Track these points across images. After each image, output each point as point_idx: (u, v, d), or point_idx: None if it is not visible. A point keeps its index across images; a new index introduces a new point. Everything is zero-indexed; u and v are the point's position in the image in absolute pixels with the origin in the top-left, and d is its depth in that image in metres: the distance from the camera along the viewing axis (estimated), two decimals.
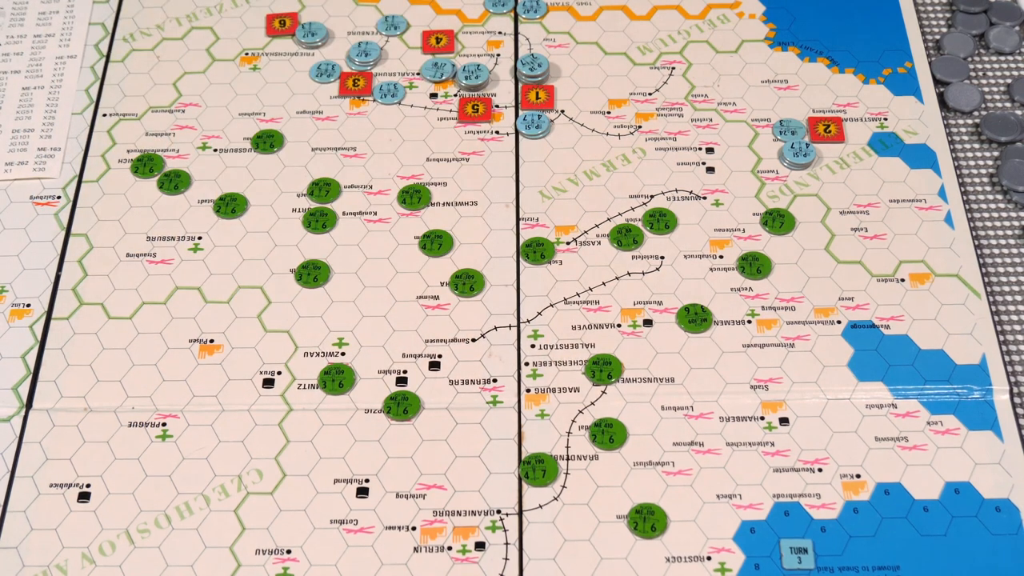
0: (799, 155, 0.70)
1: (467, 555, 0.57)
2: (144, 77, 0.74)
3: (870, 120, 0.72)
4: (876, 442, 0.60)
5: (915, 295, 0.65)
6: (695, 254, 0.67)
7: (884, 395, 0.62)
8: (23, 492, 0.59)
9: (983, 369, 0.62)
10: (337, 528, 0.58)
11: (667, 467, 0.60)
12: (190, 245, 0.67)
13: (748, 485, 0.59)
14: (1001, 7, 0.76)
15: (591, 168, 0.70)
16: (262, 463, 0.60)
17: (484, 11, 0.77)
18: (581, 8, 0.77)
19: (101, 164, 0.71)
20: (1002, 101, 0.73)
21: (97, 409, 0.62)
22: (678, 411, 0.61)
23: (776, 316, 0.64)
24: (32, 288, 0.66)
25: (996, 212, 0.68)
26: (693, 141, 0.71)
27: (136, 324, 0.65)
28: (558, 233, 0.67)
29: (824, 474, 0.59)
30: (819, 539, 0.58)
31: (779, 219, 0.68)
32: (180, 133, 0.72)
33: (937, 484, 0.59)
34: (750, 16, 0.76)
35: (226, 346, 0.64)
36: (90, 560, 0.57)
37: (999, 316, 0.65)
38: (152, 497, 0.59)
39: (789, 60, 0.74)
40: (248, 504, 0.59)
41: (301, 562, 0.57)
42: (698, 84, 0.73)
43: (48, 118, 0.73)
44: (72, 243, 0.67)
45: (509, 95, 0.73)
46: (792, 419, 0.61)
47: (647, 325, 0.64)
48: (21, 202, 0.69)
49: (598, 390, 0.62)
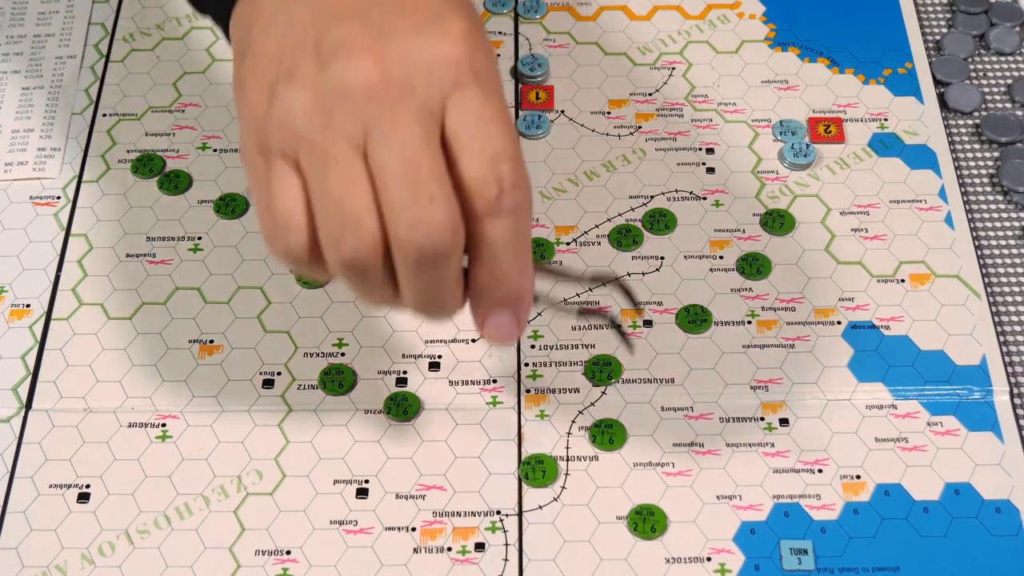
0: (799, 155, 0.69)
1: (467, 556, 0.57)
2: (144, 77, 0.74)
3: (870, 121, 0.71)
4: (876, 443, 0.60)
5: (915, 296, 0.65)
6: (695, 255, 0.67)
7: (884, 396, 0.62)
8: (22, 493, 0.59)
9: (983, 370, 0.62)
10: (337, 529, 0.58)
11: (667, 468, 0.60)
12: (190, 245, 0.67)
13: (748, 486, 0.59)
14: (1001, 7, 0.76)
15: (591, 168, 0.70)
16: (262, 464, 0.60)
17: (484, 11, 0.77)
18: (581, 8, 0.77)
19: (101, 164, 0.71)
20: (1002, 102, 0.73)
21: (97, 410, 0.62)
22: (678, 412, 0.61)
23: (776, 317, 0.64)
24: (32, 288, 0.66)
25: (996, 213, 0.68)
26: (693, 141, 0.71)
27: (136, 324, 0.65)
28: (558, 233, 0.67)
29: (824, 475, 0.59)
30: (819, 540, 0.58)
31: (779, 220, 0.68)
32: (180, 133, 0.72)
33: (937, 485, 0.59)
34: (750, 16, 0.76)
35: (226, 347, 0.64)
36: (90, 561, 0.57)
37: (999, 317, 0.65)
38: (152, 498, 0.59)
39: (789, 60, 0.74)
40: (248, 505, 0.59)
41: (301, 563, 0.57)
42: (698, 84, 0.73)
43: (48, 118, 0.73)
44: (72, 243, 0.67)
45: (509, 95, 0.73)
46: (792, 420, 0.61)
47: (647, 326, 0.64)
48: (21, 202, 0.69)
49: (598, 391, 0.62)
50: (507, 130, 0.48)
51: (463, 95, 0.47)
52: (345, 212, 0.46)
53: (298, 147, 0.47)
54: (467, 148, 0.47)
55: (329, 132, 0.47)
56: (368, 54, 0.47)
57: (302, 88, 0.47)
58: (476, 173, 0.47)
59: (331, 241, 0.47)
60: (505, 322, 0.51)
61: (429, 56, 0.47)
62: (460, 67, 0.47)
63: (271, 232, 0.48)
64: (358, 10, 0.48)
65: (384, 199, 0.47)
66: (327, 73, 0.47)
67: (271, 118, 0.48)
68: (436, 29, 0.47)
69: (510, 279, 0.49)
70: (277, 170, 0.48)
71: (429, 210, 0.46)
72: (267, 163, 0.48)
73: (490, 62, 0.49)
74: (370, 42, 0.47)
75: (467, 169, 0.47)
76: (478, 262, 0.49)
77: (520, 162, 0.48)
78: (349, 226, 0.47)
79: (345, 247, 0.47)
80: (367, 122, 0.46)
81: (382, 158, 0.46)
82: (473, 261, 0.49)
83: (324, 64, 0.47)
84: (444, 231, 0.46)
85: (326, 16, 0.48)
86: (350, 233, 0.47)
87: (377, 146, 0.46)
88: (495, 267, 0.49)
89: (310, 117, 0.47)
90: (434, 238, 0.46)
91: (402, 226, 0.46)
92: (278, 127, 0.47)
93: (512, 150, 0.48)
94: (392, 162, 0.46)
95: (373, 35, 0.47)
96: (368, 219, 0.47)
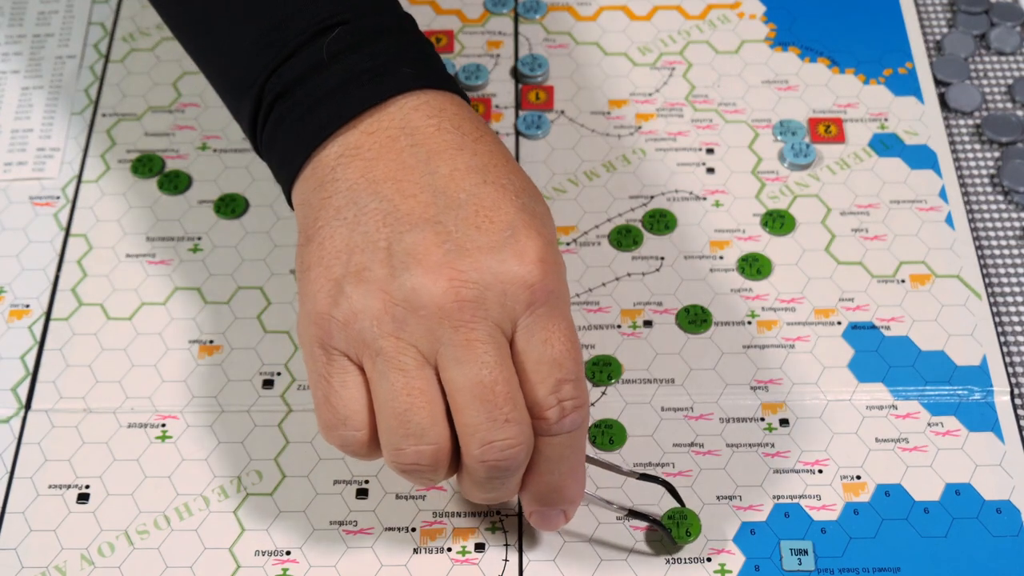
0: (799, 156, 0.69)
1: (467, 556, 0.57)
2: (144, 77, 0.74)
3: (871, 121, 0.71)
4: (876, 443, 0.60)
5: (916, 296, 0.65)
6: (695, 255, 0.67)
7: (884, 396, 0.62)
8: (22, 493, 0.59)
9: (984, 370, 0.62)
10: (337, 529, 0.58)
11: (667, 468, 0.60)
12: (190, 246, 0.67)
13: (748, 486, 0.59)
14: (1002, 7, 0.76)
15: (591, 169, 0.70)
16: (262, 464, 0.60)
17: (484, 11, 0.77)
18: (581, 8, 0.77)
19: (101, 164, 0.70)
20: (1003, 102, 0.73)
21: (96, 410, 0.62)
22: (678, 412, 0.61)
23: (776, 317, 0.64)
24: (31, 289, 0.66)
25: (997, 213, 0.68)
26: (693, 142, 0.71)
27: (135, 325, 0.64)
28: (558, 234, 0.67)
29: (824, 475, 0.59)
30: (819, 540, 0.58)
31: (779, 220, 0.67)
32: (180, 133, 0.72)
33: (938, 485, 0.59)
34: (750, 16, 0.76)
35: (226, 347, 0.64)
36: (89, 561, 0.57)
37: (1000, 317, 0.64)
38: (151, 498, 0.59)
39: (789, 60, 0.74)
40: (248, 505, 0.59)
41: (301, 563, 0.57)
42: (698, 84, 0.73)
43: (47, 118, 0.72)
44: (71, 243, 0.67)
45: (509, 95, 0.73)
46: (792, 420, 0.61)
47: (647, 326, 0.64)
48: (20, 202, 0.69)
49: (598, 391, 0.62)
50: (572, 351, 0.49)
51: (533, 317, 0.48)
52: (409, 422, 0.47)
53: (363, 350, 0.48)
54: (534, 372, 0.48)
55: (399, 342, 0.47)
56: (442, 271, 0.47)
57: (372, 293, 0.47)
58: (540, 397, 0.48)
59: (392, 446, 0.48)
60: (553, 517, 0.53)
61: (504, 279, 0.47)
62: (533, 290, 0.48)
63: (329, 424, 0.49)
64: (432, 217, 0.48)
65: (458, 418, 0.48)
66: (399, 281, 0.47)
67: (336, 316, 0.48)
68: (511, 249, 0.48)
69: (563, 490, 0.52)
70: (339, 366, 0.49)
71: (504, 430, 0.47)
72: (328, 357, 0.49)
73: (560, 280, 0.50)
74: (444, 257, 0.47)
75: (532, 392, 0.48)
76: (534, 471, 0.51)
77: (582, 382, 0.50)
78: (412, 436, 0.48)
79: (407, 455, 0.48)
80: (439, 338, 0.47)
81: (457, 377, 0.47)
82: (529, 468, 0.51)
83: (396, 272, 0.47)
84: (517, 451, 0.48)
85: (399, 219, 0.48)
86: (413, 442, 0.48)
87: (450, 364, 0.47)
88: (550, 478, 0.51)
89: (379, 323, 0.47)
90: (507, 457, 0.48)
91: (476, 445, 0.48)
92: (344, 327, 0.48)
93: (576, 371, 0.49)
94: (467, 382, 0.47)
95: (447, 249, 0.48)
96: (431, 432, 0.48)
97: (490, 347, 0.47)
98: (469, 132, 0.51)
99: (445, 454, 0.49)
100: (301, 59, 0.52)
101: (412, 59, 0.52)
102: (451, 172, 0.50)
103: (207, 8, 0.55)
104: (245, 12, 0.54)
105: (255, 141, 0.55)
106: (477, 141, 0.51)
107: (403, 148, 0.50)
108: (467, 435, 0.48)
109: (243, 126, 0.55)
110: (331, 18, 0.52)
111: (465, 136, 0.51)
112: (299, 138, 0.52)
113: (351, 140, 0.51)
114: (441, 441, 0.48)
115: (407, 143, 0.50)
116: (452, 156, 0.50)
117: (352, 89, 0.51)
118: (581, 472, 0.52)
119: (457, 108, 0.52)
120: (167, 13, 0.59)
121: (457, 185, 0.49)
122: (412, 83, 0.51)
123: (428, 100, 0.51)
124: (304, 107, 0.52)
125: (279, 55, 0.52)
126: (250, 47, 0.53)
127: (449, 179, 0.49)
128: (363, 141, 0.50)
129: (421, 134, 0.50)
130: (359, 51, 0.52)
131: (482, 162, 0.50)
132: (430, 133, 0.50)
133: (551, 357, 0.48)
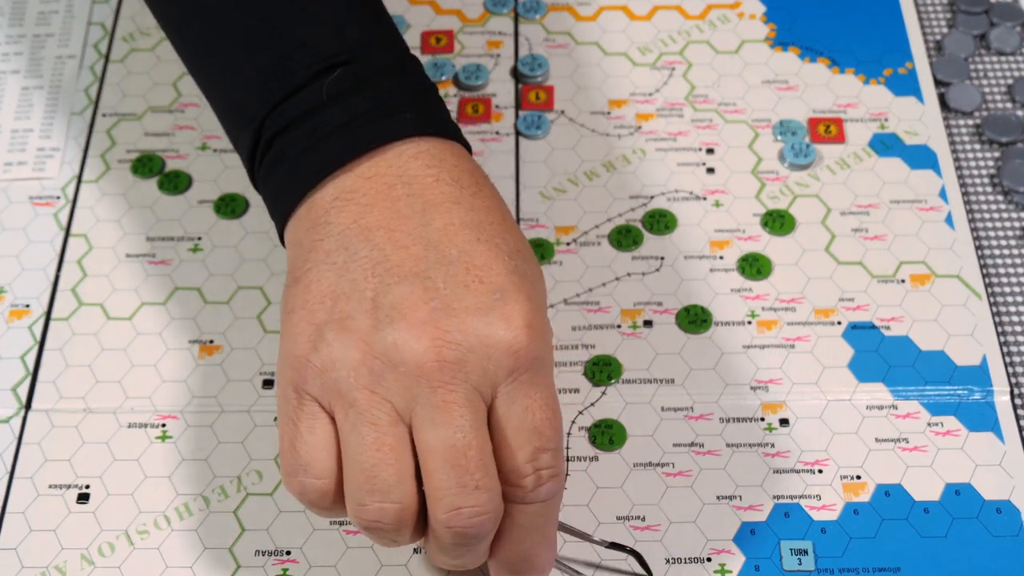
0: (799, 156, 0.69)
1: None
2: (144, 77, 0.74)
3: (871, 121, 0.71)
4: (876, 443, 0.60)
5: (915, 296, 0.65)
6: (695, 255, 0.67)
7: (884, 396, 0.62)
8: (22, 493, 0.59)
9: (984, 370, 0.62)
10: (337, 529, 0.58)
11: (667, 468, 0.60)
12: (190, 246, 0.67)
13: (748, 486, 0.59)
14: (1002, 7, 0.76)
15: (591, 169, 0.70)
16: (262, 464, 0.60)
17: (484, 11, 0.77)
18: (581, 8, 0.77)
19: (101, 164, 0.70)
20: (1003, 102, 0.73)
21: (96, 410, 0.62)
22: (678, 412, 0.61)
23: (776, 317, 0.64)
24: (31, 289, 0.66)
25: (997, 213, 0.68)
26: (693, 142, 0.71)
27: (135, 325, 0.64)
28: (558, 234, 0.67)
29: (824, 475, 0.59)
30: (819, 540, 0.58)
31: (779, 220, 0.67)
32: (180, 133, 0.72)
33: (938, 485, 0.59)
34: (750, 16, 0.76)
35: (226, 347, 0.64)
36: (89, 561, 0.57)
37: (1000, 317, 0.64)
38: (151, 498, 0.59)
39: (789, 60, 0.74)
40: (248, 505, 0.59)
41: (301, 563, 0.57)
42: (698, 84, 0.73)
43: (47, 118, 0.72)
44: (71, 244, 0.67)
45: (509, 95, 0.73)
46: (792, 420, 0.61)
47: (647, 326, 0.64)
48: (20, 202, 0.69)
49: (598, 391, 0.62)
50: (552, 420, 0.48)
51: (516, 384, 0.47)
52: (376, 478, 0.47)
53: (336, 400, 0.47)
54: (512, 439, 0.48)
55: (374, 396, 0.46)
56: (426, 329, 0.46)
57: (353, 343, 0.47)
58: (518, 464, 0.48)
59: (356, 500, 0.47)
60: None
61: (488, 342, 0.47)
62: (517, 356, 0.47)
63: (289, 469, 0.48)
64: (422, 272, 0.48)
65: (427, 480, 0.47)
66: (381, 334, 0.46)
67: (314, 362, 0.47)
68: (499, 312, 0.47)
69: (534, 559, 0.51)
70: (308, 411, 0.48)
71: (472, 496, 0.46)
72: (299, 401, 0.48)
73: (546, 347, 0.49)
74: (429, 315, 0.47)
75: (510, 459, 0.48)
76: (505, 539, 0.50)
77: (560, 451, 0.49)
78: (378, 492, 0.47)
79: (369, 511, 0.47)
80: (415, 396, 0.46)
81: (429, 439, 0.46)
82: (499, 535, 0.50)
83: (379, 324, 0.47)
84: (485, 520, 0.47)
85: (388, 269, 0.48)
86: (377, 499, 0.47)
87: (425, 424, 0.46)
88: (520, 547, 0.50)
89: (356, 375, 0.46)
90: (474, 525, 0.47)
91: (443, 510, 0.47)
92: (320, 374, 0.47)
93: (555, 440, 0.48)
94: (440, 444, 0.46)
95: (434, 307, 0.47)
96: (397, 490, 0.47)
97: (467, 411, 0.46)
98: (467, 185, 0.50)
99: (410, 514, 0.47)
100: (304, 96, 0.51)
101: (415, 103, 0.51)
102: (445, 226, 0.49)
103: (212, 32, 0.54)
104: (251, 41, 0.53)
105: (252, 174, 0.54)
106: (475, 195, 0.50)
107: (399, 197, 0.49)
108: (435, 499, 0.47)
109: (241, 156, 0.54)
110: (334, 57, 0.51)
111: (463, 189, 0.50)
112: (295, 177, 0.51)
113: (347, 183, 0.50)
114: (406, 500, 0.47)
115: (403, 192, 0.49)
116: (448, 209, 0.49)
117: (353, 130, 0.50)
118: (553, 541, 0.51)
119: (457, 159, 0.51)
120: (170, 30, 0.58)
121: (450, 240, 0.48)
122: (413, 129, 0.50)
123: (428, 148, 0.50)
124: (303, 146, 0.51)
125: (283, 90, 0.51)
126: (254, 78, 0.52)
127: (443, 233, 0.48)
128: (359, 185, 0.49)
129: (419, 184, 0.49)
130: (361, 93, 0.51)
131: (478, 218, 0.49)
132: (428, 184, 0.49)
133: (531, 425, 0.47)
